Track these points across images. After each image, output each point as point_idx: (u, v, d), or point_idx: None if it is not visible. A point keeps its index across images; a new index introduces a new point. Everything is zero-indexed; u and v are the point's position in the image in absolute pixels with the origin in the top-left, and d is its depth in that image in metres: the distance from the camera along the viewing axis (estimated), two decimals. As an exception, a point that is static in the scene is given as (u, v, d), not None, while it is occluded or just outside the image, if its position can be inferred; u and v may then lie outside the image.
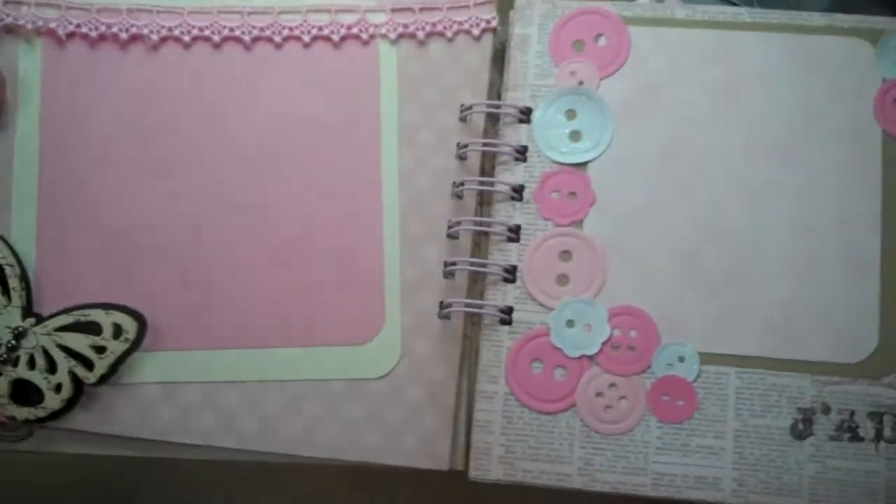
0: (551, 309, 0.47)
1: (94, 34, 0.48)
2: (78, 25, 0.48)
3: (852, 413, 0.45)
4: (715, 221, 0.47)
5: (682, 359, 0.46)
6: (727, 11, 0.49)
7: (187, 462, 0.47)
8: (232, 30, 0.48)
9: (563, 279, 0.47)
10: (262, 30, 0.48)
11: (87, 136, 0.47)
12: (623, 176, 0.47)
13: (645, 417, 0.46)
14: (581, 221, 0.47)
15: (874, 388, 0.45)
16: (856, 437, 0.45)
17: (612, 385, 0.46)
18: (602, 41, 0.49)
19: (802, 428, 0.45)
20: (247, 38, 0.48)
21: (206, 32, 0.48)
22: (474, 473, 0.46)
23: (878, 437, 0.45)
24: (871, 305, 0.46)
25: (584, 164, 0.48)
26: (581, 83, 0.48)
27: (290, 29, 0.49)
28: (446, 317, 0.47)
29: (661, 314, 0.46)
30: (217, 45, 0.48)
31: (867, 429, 0.45)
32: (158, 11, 0.48)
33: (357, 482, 0.55)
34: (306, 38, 0.49)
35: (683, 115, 0.48)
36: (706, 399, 0.46)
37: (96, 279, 0.46)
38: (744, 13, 0.49)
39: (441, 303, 0.47)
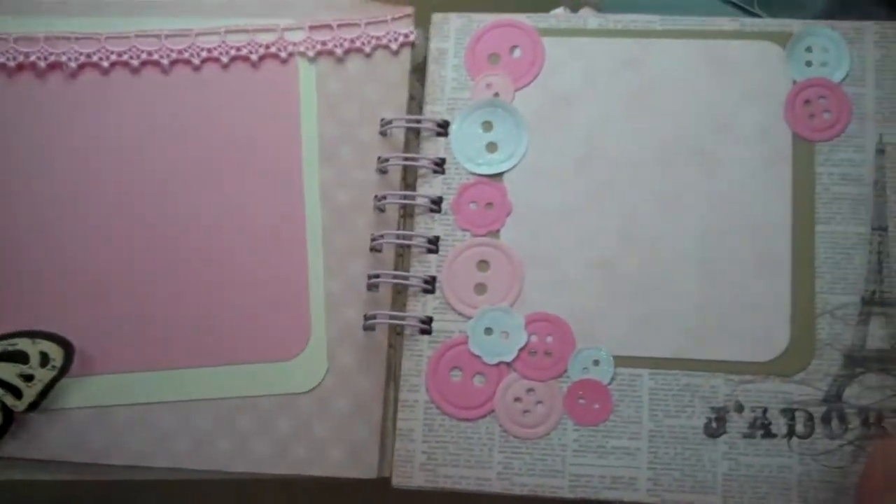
0: (469, 318, 0.48)
1: (11, 64, 0.49)
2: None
3: (765, 410, 0.46)
4: (629, 228, 0.48)
5: (596, 362, 0.47)
6: (639, 20, 0.50)
7: (163, 484, 0.48)
8: (150, 54, 0.50)
9: (480, 288, 0.49)
10: (179, 52, 0.50)
11: (6, 167, 0.49)
12: (538, 185, 0.49)
13: (562, 421, 0.47)
14: (498, 231, 0.49)
15: (786, 386, 0.46)
16: (768, 434, 0.46)
17: (530, 390, 0.47)
18: (517, 53, 0.51)
19: (716, 426, 0.46)
20: (165, 61, 0.50)
21: (125, 58, 0.50)
22: (397, 480, 0.47)
23: (791, 433, 0.46)
24: (782, 305, 0.47)
25: (500, 175, 0.49)
26: (496, 95, 0.50)
27: (209, 51, 0.50)
28: (371, 328, 0.48)
29: (577, 319, 0.48)
30: (135, 70, 0.50)
31: (779, 425, 0.46)
32: (77, 38, 0.50)
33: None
34: (224, 59, 0.50)
35: (597, 123, 0.49)
36: (621, 401, 0.47)
37: (22, 307, 0.48)
38: (656, 21, 0.50)
39: (365, 315, 0.49)
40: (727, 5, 0.56)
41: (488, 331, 0.48)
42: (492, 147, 0.50)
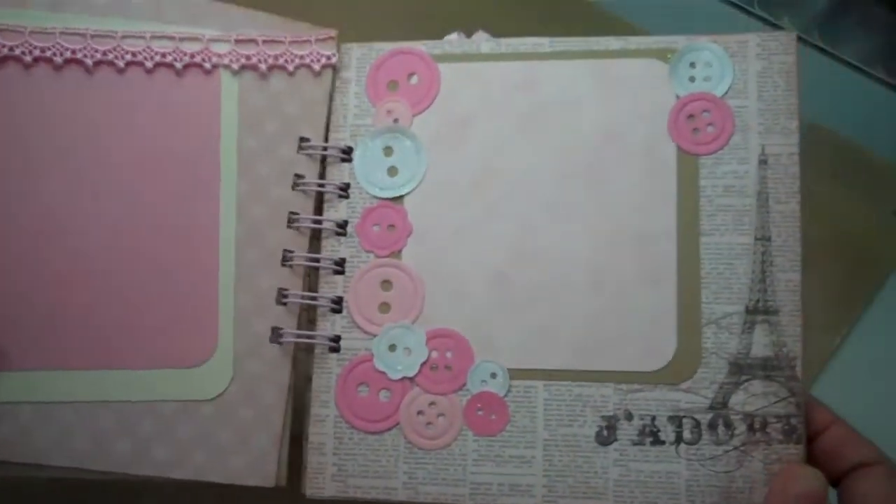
0: (374, 335, 0.51)
1: None
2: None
3: (653, 418, 0.49)
4: (523, 244, 0.51)
5: (494, 375, 0.50)
6: (528, 43, 0.52)
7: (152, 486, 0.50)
8: (74, 52, 0.51)
9: (385, 307, 0.51)
10: (104, 53, 0.51)
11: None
12: (437, 206, 0.52)
13: (462, 432, 0.50)
14: (400, 251, 0.52)
15: (673, 394, 0.49)
16: (657, 441, 0.49)
17: (432, 403, 0.50)
18: (414, 80, 0.53)
19: (607, 434, 0.49)
20: (89, 61, 0.51)
21: (48, 54, 0.51)
22: (310, 492, 0.50)
23: (679, 439, 0.48)
24: (668, 315, 0.49)
25: (400, 198, 0.52)
26: (396, 121, 0.53)
27: (133, 54, 0.52)
28: (278, 342, 0.52)
29: (475, 334, 0.50)
30: (58, 67, 0.51)
31: (667, 433, 0.49)
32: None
33: None
34: (149, 65, 0.52)
35: (492, 144, 0.52)
36: (517, 412, 0.50)
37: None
38: (545, 44, 0.52)
39: (273, 328, 0.52)
40: (727, 5, 0.58)
41: (392, 347, 0.51)
42: (392, 171, 0.52)
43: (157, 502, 0.61)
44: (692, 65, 0.51)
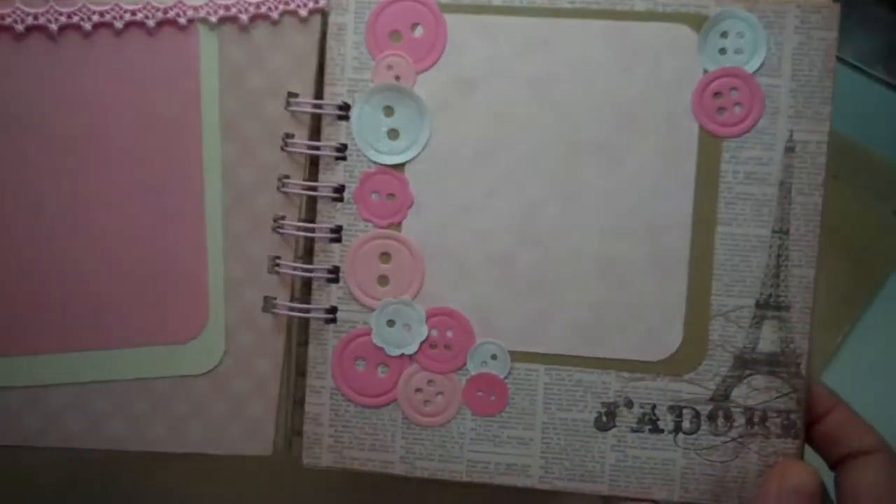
0: (373, 310, 0.50)
1: None
2: None
3: (654, 407, 0.49)
4: (529, 224, 0.49)
5: (494, 357, 0.49)
6: (548, -1, 0.48)
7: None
8: (36, 17, 0.47)
9: (383, 280, 0.50)
10: (69, 16, 0.47)
11: None
12: (439, 177, 0.49)
13: (461, 411, 0.50)
14: (400, 223, 0.49)
15: (675, 385, 0.49)
16: (656, 429, 0.49)
17: (430, 382, 0.50)
18: (419, 31, 0.49)
19: (606, 420, 0.49)
20: (53, 26, 0.47)
21: (8, 21, 0.47)
22: (307, 461, 0.51)
23: (677, 429, 0.49)
24: (677, 306, 0.48)
25: (401, 166, 0.49)
26: (398, 78, 0.49)
27: (100, 14, 0.48)
28: (271, 312, 0.50)
29: (476, 314, 0.49)
30: (20, 37, 0.47)
31: (667, 421, 0.49)
32: None
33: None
34: (118, 25, 0.48)
35: (501, 112, 0.48)
36: (517, 394, 0.49)
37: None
38: (564, 0, 0.48)
39: (265, 297, 0.50)
40: None
41: (391, 323, 0.50)
42: (393, 134, 0.49)
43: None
44: (724, 34, 0.47)
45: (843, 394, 0.49)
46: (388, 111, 0.49)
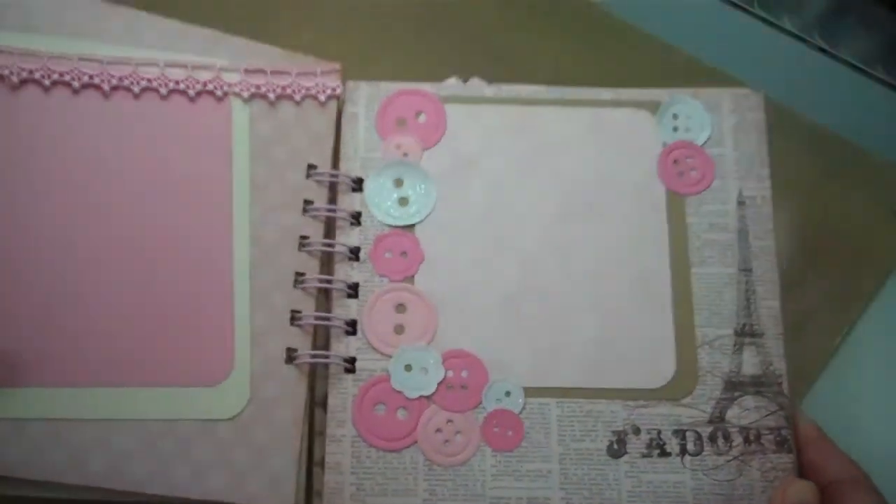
0: (390, 356, 0.53)
1: None
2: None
3: (659, 432, 0.53)
4: (530, 274, 0.55)
5: (508, 394, 0.53)
6: (528, 89, 0.58)
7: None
8: (91, 77, 0.52)
9: (399, 329, 0.54)
10: (120, 79, 0.53)
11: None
12: (447, 236, 0.55)
13: (480, 448, 0.52)
14: (413, 277, 0.55)
15: (676, 409, 0.54)
16: (664, 453, 0.53)
17: (449, 421, 0.53)
18: (422, 118, 0.57)
19: (617, 448, 0.53)
20: (106, 86, 0.52)
21: (66, 78, 0.52)
22: None
23: (683, 451, 0.53)
24: (667, 339, 0.54)
25: (412, 227, 0.56)
26: (406, 155, 0.57)
27: (148, 81, 0.53)
28: (292, 362, 0.53)
29: (489, 355, 0.54)
30: (76, 91, 0.52)
31: (672, 445, 0.53)
32: (19, 54, 0.52)
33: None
34: (163, 91, 0.53)
35: (497, 182, 0.56)
36: (532, 428, 0.53)
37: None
38: (543, 91, 0.58)
39: (288, 349, 0.53)
40: (727, 5, 0.63)
41: (408, 367, 0.53)
42: (403, 201, 0.56)
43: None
44: (675, 116, 0.58)
45: (842, 394, 0.53)
46: (398, 182, 0.56)
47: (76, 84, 0.52)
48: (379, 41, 0.62)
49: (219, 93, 0.54)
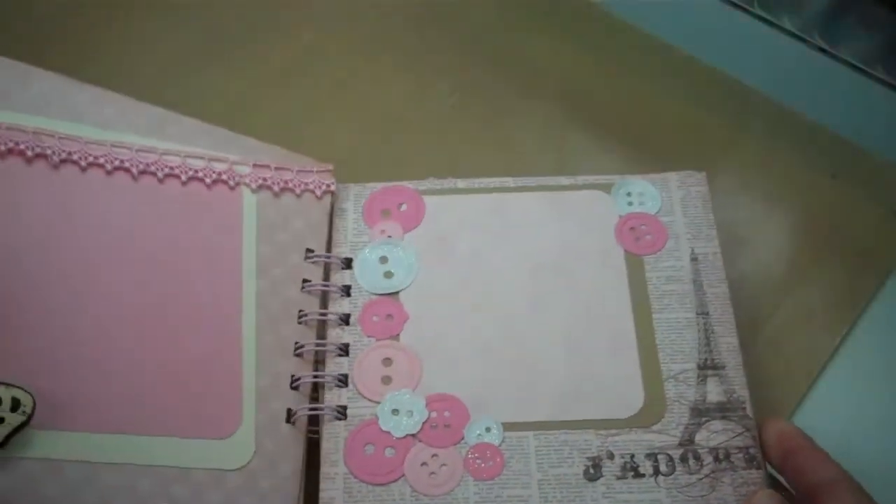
0: (378, 402, 0.59)
1: (2, 147, 0.58)
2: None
3: (632, 456, 0.57)
4: (507, 325, 0.60)
5: (489, 429, 0.58)
6: (495, 181, 0.67)
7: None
8: (122, 162, 0.60)
9: (386, 379, 0.59)
10: (147, 165, 0.61)
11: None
12: (429, 298, 0.61)
13: (463, 478, 0.56)
14: (398, 335, 0.61)
15: (647, 435, 0.57)
16: (638, 475, 0.56)
17: (434, 455, 0.57)
18: (404, 207, 0.66)
19: (593, 472, 0.56)
20: (134, 170, 0.60)
21: (101, 161, 0.60)
22: None
23: (657, 472, 0.56)
24: (634, 375, 0.59)
25: (396, 294, 0.63)
26: (389, 237, 0.65)
27: (171, 168, 0.61)
28: (292, 423, 0.58)
29: (469, 397, 0.58)
30: (109, 173, 0.60)
31: (646, 467, 0.57)
32: (60, 137, 0.60)
33: None
34: (183, 178, 0.61)
35: (472, 251, 0.63)
36: (512, 458, 0.57)
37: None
38: (509, 181, 0.67)
39: (288, 410, 0.58)
40: (727, 5, 0.66)
41: (395, 412, 0.58)
42: (388, 275, 0.63)
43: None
44: (628, 194, 0.66)
45: (842, 394, 0.54)
46: (384, 259, 0.64)
47: (109, 166, 0.60)
48: (380, 41, 0.68)
49: (231, 182, 0.63)
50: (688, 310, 0.60)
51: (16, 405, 0.52)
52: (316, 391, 0.60)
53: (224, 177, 0.63)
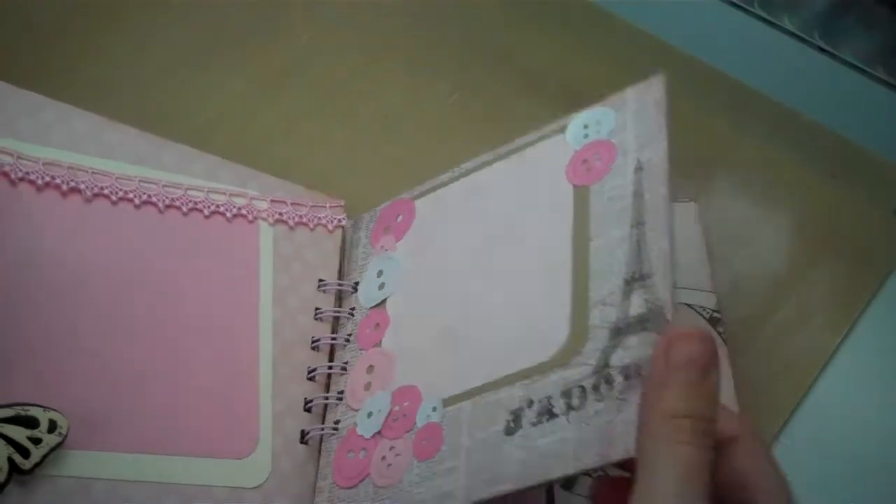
0: (358, 409, 0.63)
1: (40, 182, 0.67)
2: (27, 173, 0.66)
3: (549, 398, 0.54)
4: (464, 304, 0.61)
5: (434, 409, 0.59)
6: (473, 162, 0.68)
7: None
8: (150, 196, 0.69)
9: (367, 385, 0.64)
10: (173, 200, 0.69)
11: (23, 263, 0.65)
12: (407, 300, 0.64)
13: (410, 462, 0.58)
14: (380, 341, 0.65)
15: (565, 372, 0.53)
16: (552, 416, 0.53)
17: (392, 448, 0.60)
18: (400, 218, 0.70)
19: (513, 426, 0.54)
20: (161, 204, 0.69)
21: (130, 195, 0.68)
22: None
23: (569, 408, 0.52)
24: (562, 306, 0.56)
25: (384, 301, 0.67)
26: (386, 250, 0.69)
27: (195, 203, 0.69)
28: (305, 443, 0.65)
29: (424, 382, 0.59)
30: (137, 207, 0.68)
31: (560, 406, 0.53)
32: (93, 172, 0.68)
33: None
34: (206, 212, 0.69)
35: (447, 245, 0.65)
36: (450, 433, 0.57)
37: (28, 386, 0.62)
38: (487, 155, 0.68)
39: (302, 431, 0.64)
40: (727, 5, 0.68)
41: (370, 414, 0.62)
42: (381, 286, 0.67)
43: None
44: (585, 126, 0.63)
45: (842, 394, 0.53)
46: (380, 273, 0.68)
47: (137, 201, 0.69)
48: (379, 41, 0.72)
49: (250, 217, 0.71)
50: (623, 226, 0.56)
51: (52, 427, 0.59)
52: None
53: (243, 211, 0.71)
